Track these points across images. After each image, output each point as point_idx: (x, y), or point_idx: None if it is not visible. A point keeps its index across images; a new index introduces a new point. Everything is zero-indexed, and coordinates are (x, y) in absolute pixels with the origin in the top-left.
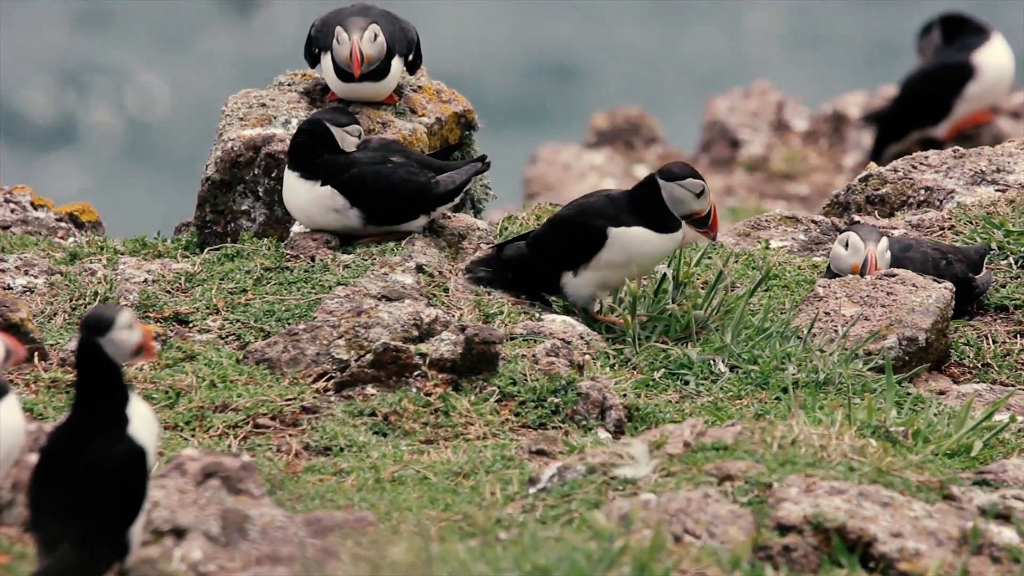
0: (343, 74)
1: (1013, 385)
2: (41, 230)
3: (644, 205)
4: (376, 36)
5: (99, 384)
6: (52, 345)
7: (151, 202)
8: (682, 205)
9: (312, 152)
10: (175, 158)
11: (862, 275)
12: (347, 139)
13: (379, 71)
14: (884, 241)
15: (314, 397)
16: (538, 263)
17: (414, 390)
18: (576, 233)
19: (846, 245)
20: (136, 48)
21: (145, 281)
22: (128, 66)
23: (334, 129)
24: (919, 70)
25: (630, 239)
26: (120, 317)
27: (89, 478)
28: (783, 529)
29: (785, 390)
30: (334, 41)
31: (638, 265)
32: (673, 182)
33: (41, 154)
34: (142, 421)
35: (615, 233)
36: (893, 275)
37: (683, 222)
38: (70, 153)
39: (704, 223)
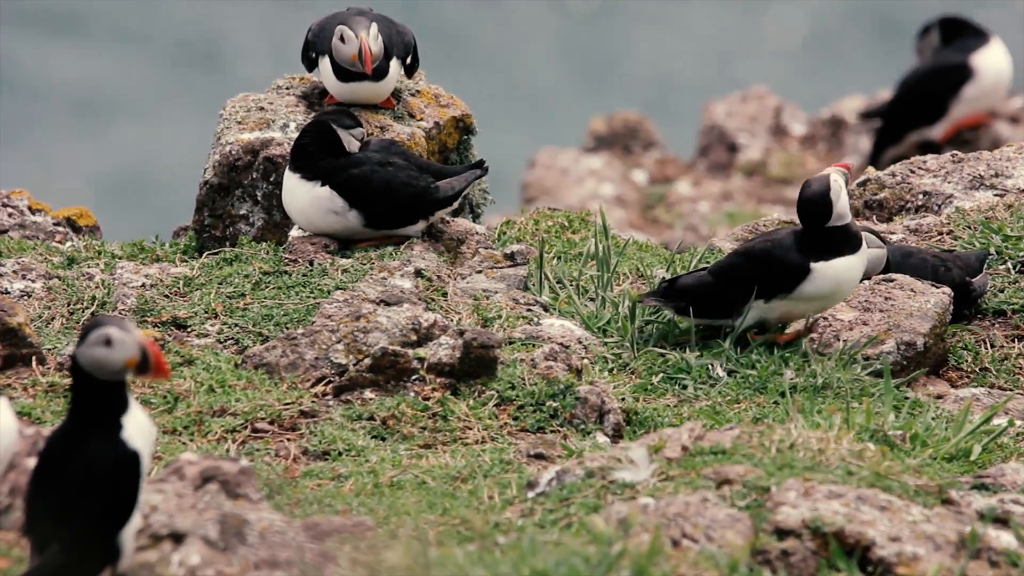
0: (343, 74)
1: (1011, 389)
2: (39, 234)
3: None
4: (378, 35)
5: (88, 390)
6: (50, 349)
7: None
8: (845, 208)
9: (315, 153)
10: None
11: None
12: (351, 142)
13: (378, 71)
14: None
15: (312, 401)
16: (724, 290)
17: (412, 394)
18: (777, 266)
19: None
20: None
21: (143, 285)
22: None
23: (339, 131)
24: (916, 70)
25: (835, 272)
26: (94, 332)
27: (80, 481)
28: (781, 533)
29: (783, 394)
30: (336, 41)
31: (843, 294)
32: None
33: None
34: (137, 426)
35: (818, 268)
36: (891, 280)
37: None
38: None
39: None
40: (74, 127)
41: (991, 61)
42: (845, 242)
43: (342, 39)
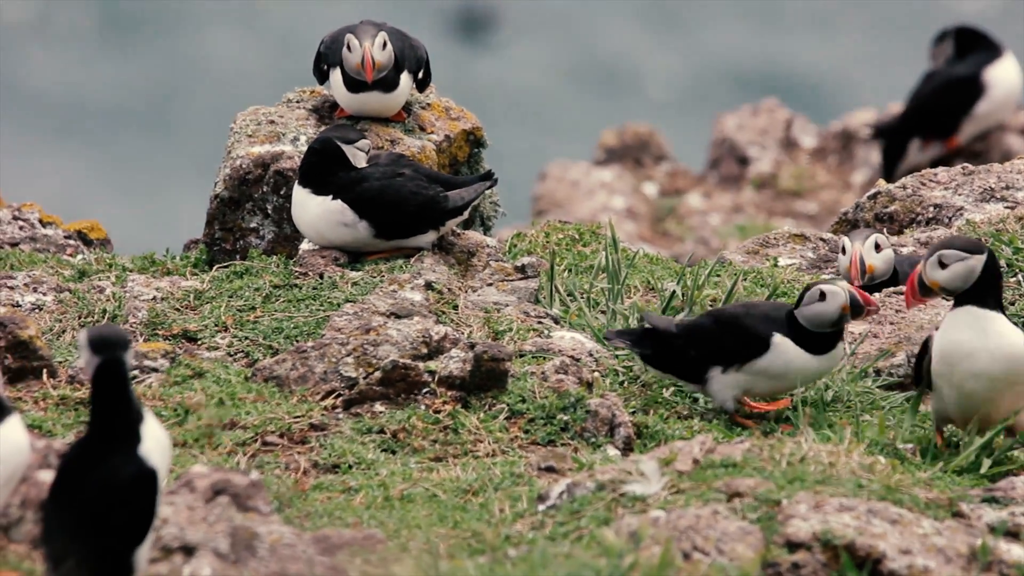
0: (353, 85)
1: None
2: (50, 247)
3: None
4: (385, 43)
5: (114, 402)
6: (61, 362)
7: None
8: (822, 319)
9: (323, 171)
10: None
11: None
12: (358, 155)
13: (388, 83)
14: (871, 239)
15: (323, 414)
16: (688, 348)
17: (423, 407)
18: (738, 333)
19: (843, 251)
20: None
21: (154, 298)
22: None
23: (344, 147)
24: (928, 85)
25: (787, 353)
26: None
27: (99, 497)
28: (792, 546)
29: (794, 407)
30: (344, 50)
31: (791, 380)
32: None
33: None
34: (154, 441)
35: (777, 342)
36: (902, 292)
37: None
38: None
39: (859, 311)
40: None
41: (1003, 76)
42: (823, 339)
43: (349, 48)
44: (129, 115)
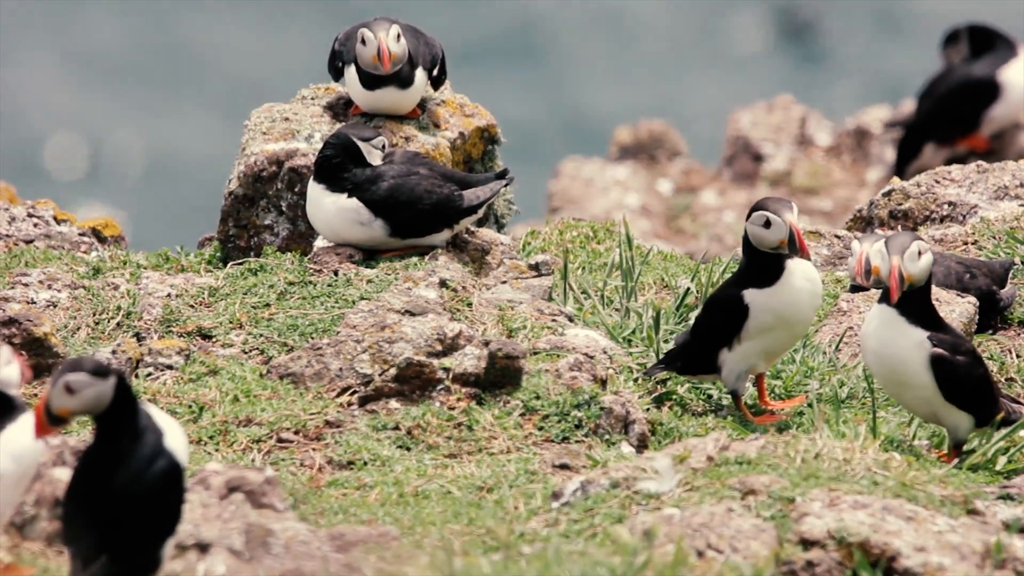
0: (368, 81)
1: None
2: (64, 244)
3: (752, 263)
4: (399, 36)
5: (131, 408)
6: None
7: None
8: (761, 242)
9: (339, 167)
10: None
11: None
12: (373, 152)
13: (404, 78)
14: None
15: (338, 411)
16: (698, 345)
17: (438, 404)
18: (719, 307)
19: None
20: None
21: (168, 295)
22: None
23: (360, 144)
24: (943, 86)
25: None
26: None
27: (131, 492)
28: (806, 544)
29: (809, 404)
30: (358, 44)
31: (793, 325)
32: (748, 222)
33: None
34: (174, 435)
35: (751, 297)
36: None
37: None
38: None
39: (792, 249)
40: None
41: (1019, 76)
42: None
43: (363, 41)
44: None
